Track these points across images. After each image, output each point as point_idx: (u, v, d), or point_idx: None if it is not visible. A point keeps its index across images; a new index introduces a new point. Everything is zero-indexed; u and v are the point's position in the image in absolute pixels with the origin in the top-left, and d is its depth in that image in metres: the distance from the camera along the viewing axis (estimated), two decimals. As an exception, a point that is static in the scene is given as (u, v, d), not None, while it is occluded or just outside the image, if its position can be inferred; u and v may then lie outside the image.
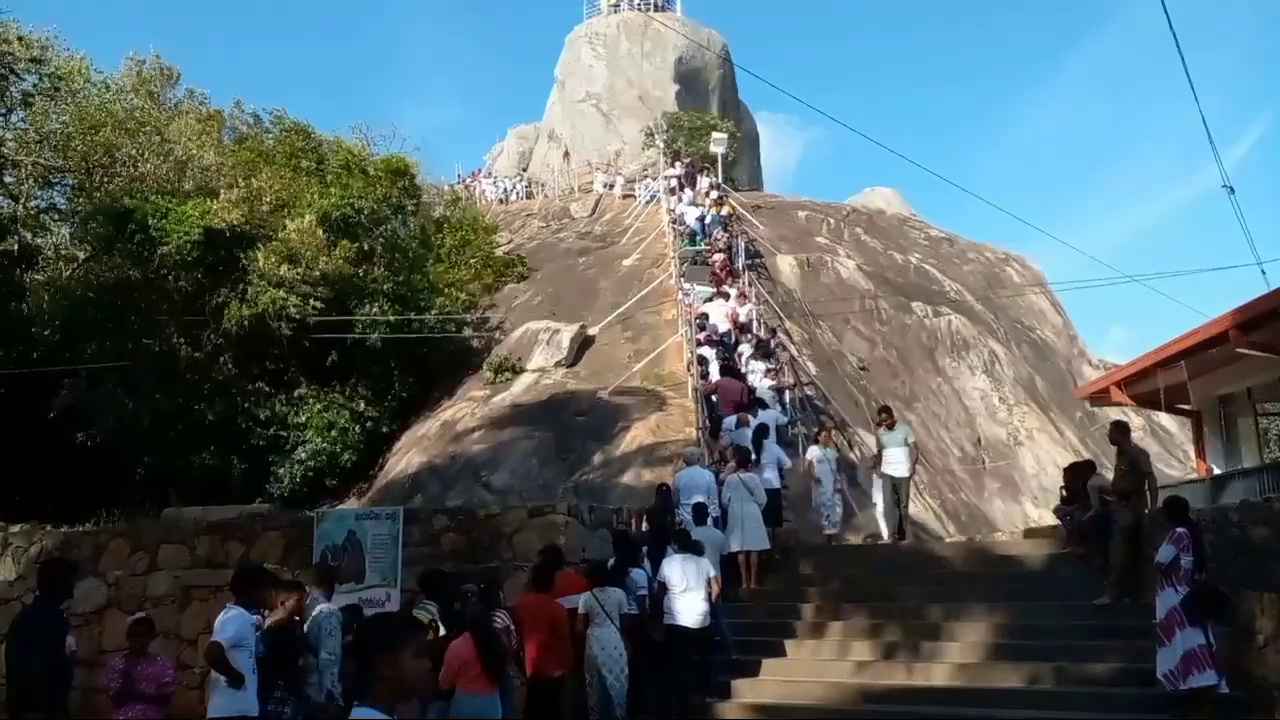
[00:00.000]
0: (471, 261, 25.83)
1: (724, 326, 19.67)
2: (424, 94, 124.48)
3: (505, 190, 39.46)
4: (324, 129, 26.59)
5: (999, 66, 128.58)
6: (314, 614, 7.36)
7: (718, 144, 31.03)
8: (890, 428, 12.82)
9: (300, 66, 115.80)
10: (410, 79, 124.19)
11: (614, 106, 39.86)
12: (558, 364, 19.98)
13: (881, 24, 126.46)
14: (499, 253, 27.55)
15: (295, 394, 18.38)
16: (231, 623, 6.55)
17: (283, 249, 18.08)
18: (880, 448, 12.85)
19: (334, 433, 17.61)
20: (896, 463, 12.54)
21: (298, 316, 17.81)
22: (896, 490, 12.60)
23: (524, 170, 42.39)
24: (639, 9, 42.70)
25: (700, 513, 10.58)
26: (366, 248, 20.02)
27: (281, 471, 17.65)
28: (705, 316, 19.79)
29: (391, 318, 18.89)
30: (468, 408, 19.06)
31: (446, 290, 22.26)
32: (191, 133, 20.69)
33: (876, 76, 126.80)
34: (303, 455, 17.70)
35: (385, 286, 19.58)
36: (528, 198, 38.81)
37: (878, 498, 12.99)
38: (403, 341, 19.19)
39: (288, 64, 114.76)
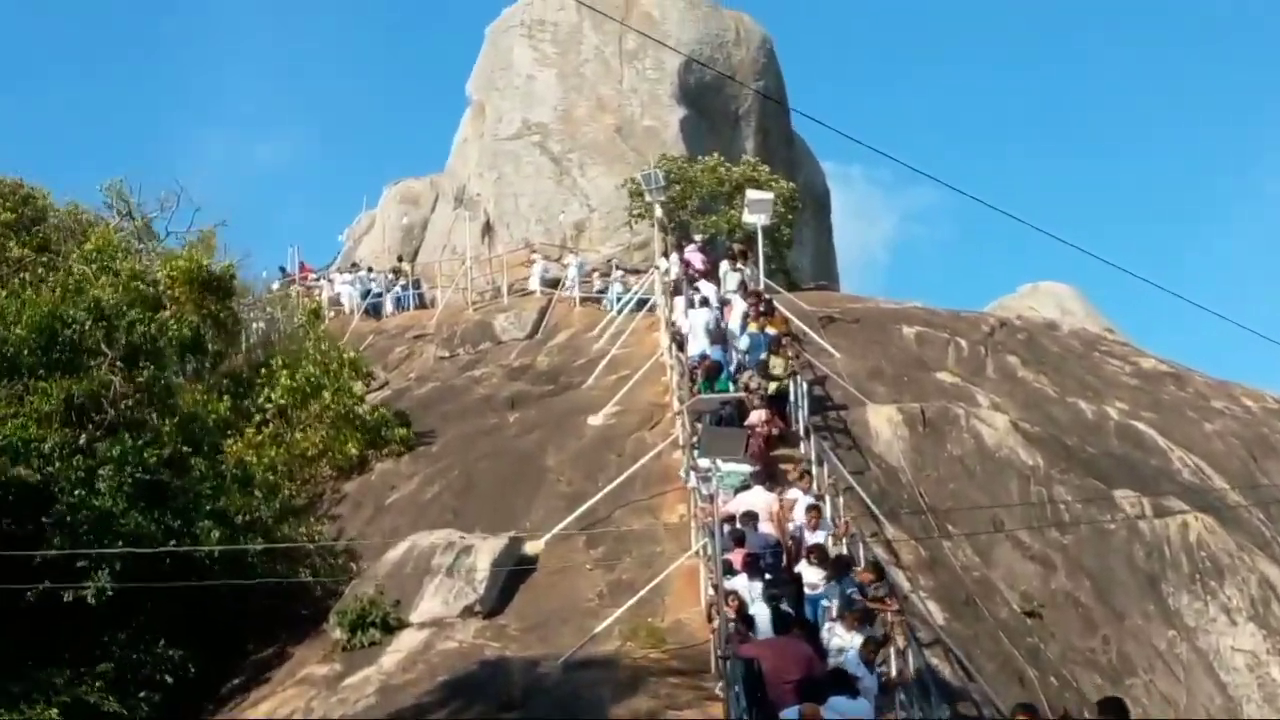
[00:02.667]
0: (315, 423, 26.34)
1: (772, 536, 19.92)
2: (240, 128, 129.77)
3: (376, 293, 40.37)
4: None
5: (1220, 132, 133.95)
6: None
7: (756, 210, 32.01)
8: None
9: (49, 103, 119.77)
10: (219, 104, 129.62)
11: (571, 145, 41.40)
12: (469, 611, 20.02)
13: (1026, 54, 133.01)
14: (363, 408, 28.02)
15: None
16: None
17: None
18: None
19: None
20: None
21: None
22: None
23: (411, 257, 43.59)
24: None
25: None
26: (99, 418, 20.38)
27: None
28: (740, 521, 20.13)
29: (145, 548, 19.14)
30: (296, 701, 18.89)
31: (258, 484, 22.66)
32: None
33: (1021, 125, 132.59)
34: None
35: (125, 486, 19.77)
36: (418, 306, 39.72)
37: None
38: (166, 589, 19.30)
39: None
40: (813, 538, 20.07)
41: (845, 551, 19.91)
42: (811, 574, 19.01)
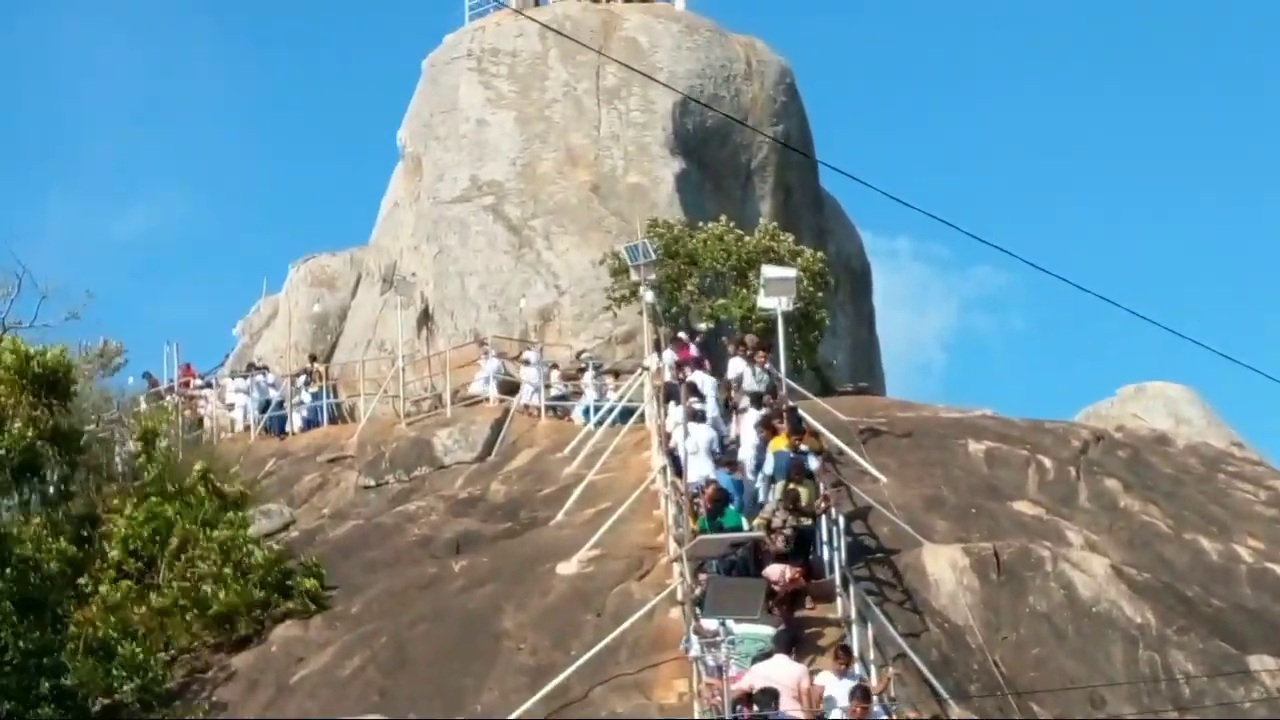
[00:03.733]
0: (190, 574, 25.93)
1: (799, 720, 19.57)
2: (100, 194, 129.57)
3: (278, 403, 40.09)
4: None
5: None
6: None
7: (775, 291, 31.81)
8: None
9: None
10: (71, 163, 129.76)
11: (535, 209, 41.37)
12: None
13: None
14: (260, 552, 27.58)
15: None
16: None
17: None
18: None
19: None
20: None
21: None
22: None
23: (325, 355, 43.39)
24: None
25: None
26: None
27: None
28: (758, 701, 19.89)
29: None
30: None
31: (120, 657, 22.30)
32: None
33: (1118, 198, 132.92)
34: None
35: None
36: (335, 420, 39.54)
37: None
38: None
39: None
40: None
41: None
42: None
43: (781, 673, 20.47)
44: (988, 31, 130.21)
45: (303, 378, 41.45)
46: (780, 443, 26.74)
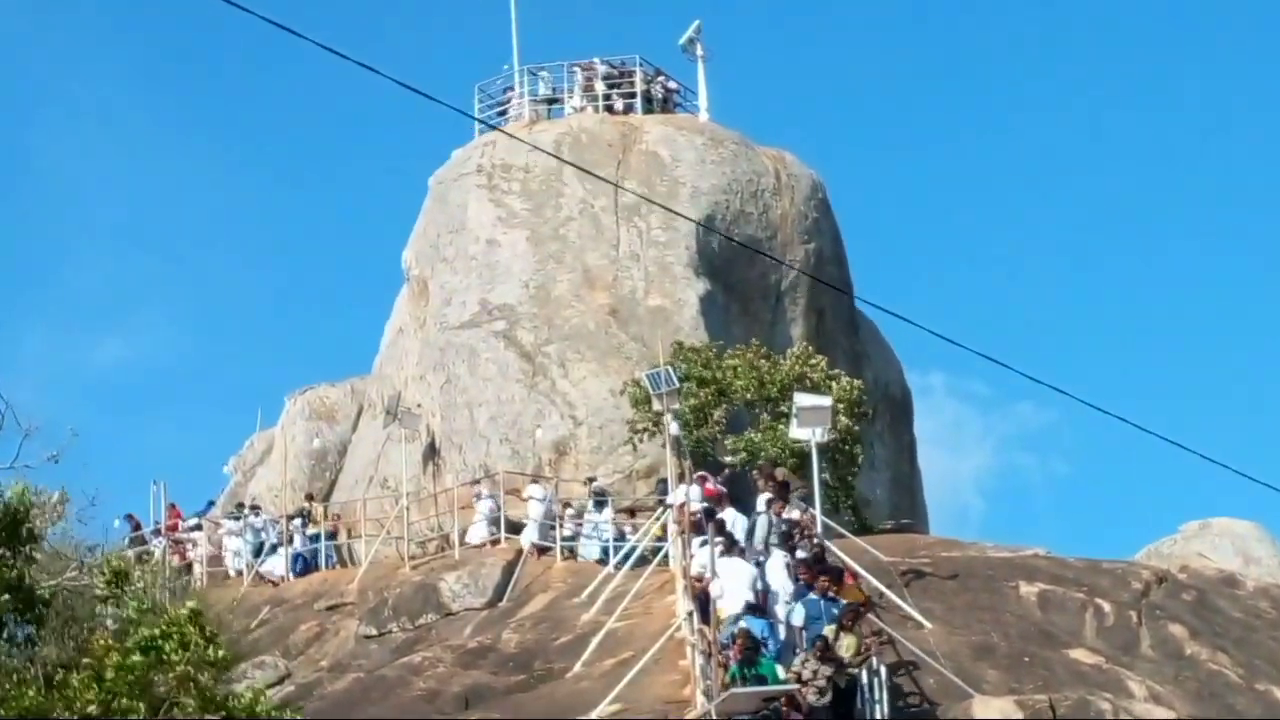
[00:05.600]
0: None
1: None
2: (81, 320, 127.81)
3: (273, 545, 39.62)
4: None
5: None
6: None
7: (809, 422, 31.47)
8: None
9: None
10: (48, 286, 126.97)
11: (549, 335, 40.84)
12: None
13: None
14: (244, 697, 26.55)
15: None
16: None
17: None
18: None
19: None
20: None
21: None
22: None
23: (324, 494, 43.06)
24: (606, 103, 45.22)
25: None
26: None
27: None
28: None
29: None
30: None
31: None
32: None
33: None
34: None
35: None
36: (330, 565, 39.04)
37: None
38: None
39: None
40: None
41: None
42: None
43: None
44: (1034, 149, 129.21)
45: (299, 519, 40.74)
46: (820, 590, 26.29)
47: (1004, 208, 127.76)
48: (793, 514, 30.41)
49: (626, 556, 33.34)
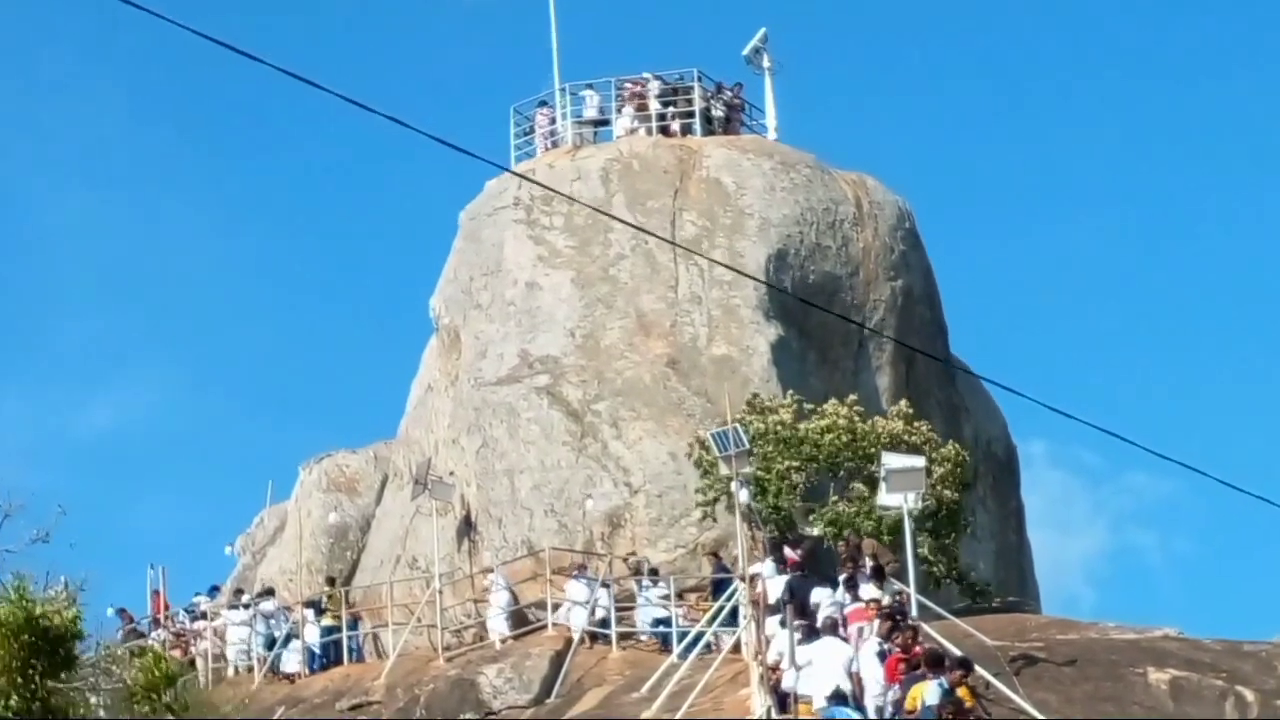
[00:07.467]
0: None
1: None
2: (66, 382, 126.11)
3: (287, 637, 38.60)
4: None
5: None
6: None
7: (900, 487, 31.67)
8: None
9: None
10: (30, 346, 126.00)
11: (599, 390, 39.52)
12: None
13: None
14: None
15: None
16: None
17: None
18: None
19: None
20: None
21: None
22: None
23: (345, 577, 42.18)
24: (660, 123, 43.94)
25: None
26: None
27: None
28: None
29: None
30: None
31: None
32: None
33: None
34: None
35: None
36: (353, 659, 37.93)
37: None
38: None
39: None
40: None
41: None
42: None
43: None
44: (1158, 176, 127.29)
45: (315, 607, 39.57)
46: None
47: (1121, 245, 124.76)
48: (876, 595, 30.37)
49: (693, 643, 32.07)
